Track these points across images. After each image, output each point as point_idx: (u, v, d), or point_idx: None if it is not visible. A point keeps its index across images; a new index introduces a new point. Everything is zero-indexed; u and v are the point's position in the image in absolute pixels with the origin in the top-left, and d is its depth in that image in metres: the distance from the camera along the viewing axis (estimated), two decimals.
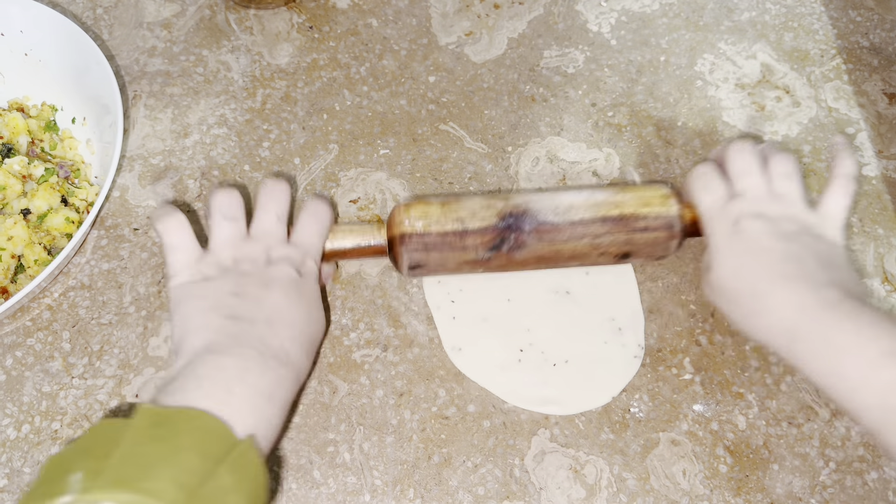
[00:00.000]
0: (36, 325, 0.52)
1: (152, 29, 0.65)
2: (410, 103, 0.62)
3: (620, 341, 0.52)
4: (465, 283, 0.53)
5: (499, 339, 0.52)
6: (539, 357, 0.51)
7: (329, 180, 0.58)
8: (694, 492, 0.48)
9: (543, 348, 0.52)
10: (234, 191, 0.47)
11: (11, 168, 0.54)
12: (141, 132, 0.60)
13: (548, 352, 0.51)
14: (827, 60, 0.64)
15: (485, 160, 0.59)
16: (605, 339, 0.52)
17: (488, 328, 0.52)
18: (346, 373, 0.51)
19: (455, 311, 0.53)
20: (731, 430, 0.49)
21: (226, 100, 0.61)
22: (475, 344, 0.52)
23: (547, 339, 0.52)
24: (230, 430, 0.35)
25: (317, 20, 0.66)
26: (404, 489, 0.47)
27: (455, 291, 0.53)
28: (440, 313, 0.53)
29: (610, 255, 0.49)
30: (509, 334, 0.52)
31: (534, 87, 0.62)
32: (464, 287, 0.53)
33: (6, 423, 0.49)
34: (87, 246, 0.55)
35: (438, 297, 0.53)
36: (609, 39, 0.65)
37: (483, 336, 0.52)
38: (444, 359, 0.51)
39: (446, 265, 0.48)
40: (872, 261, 0.56)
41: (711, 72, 0.64)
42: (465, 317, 0.53)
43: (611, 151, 0.60)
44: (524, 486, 0.48)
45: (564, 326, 0.52)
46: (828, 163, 0.59)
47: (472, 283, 0.53)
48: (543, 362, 0.51)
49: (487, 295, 0.53)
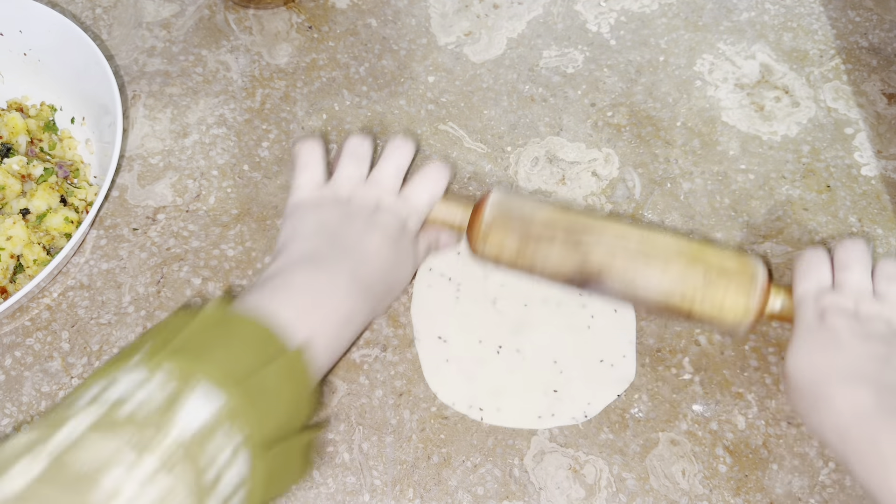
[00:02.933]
0: (35, 324, 0.52)
1: (151, 29, 0.65)
2: (410, 103, 0.62)
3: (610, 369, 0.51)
4: (459, 322, 0.53)
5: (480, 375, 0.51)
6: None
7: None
8: (693, 492, 0.48)
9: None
10: (369, 137, 0.51)
11: (10, 168, 0.54)
12: (140, 132, 0.60)
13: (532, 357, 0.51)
14: (826, 61, 0.64)
15: (484, 160, 0.59)
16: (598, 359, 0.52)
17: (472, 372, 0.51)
18: (345, 373, 0.51)
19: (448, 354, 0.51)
20: (731, 430, 0.49)
21: (225, 100, 0.61)
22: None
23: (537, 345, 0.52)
24: (284, 339, 0.38)
25: (316, 20, 0.66)
26: (404, 489, 0.47)
27: (445, 329, 0.52)
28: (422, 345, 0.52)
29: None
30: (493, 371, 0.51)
31: (533, 87, 0.62)
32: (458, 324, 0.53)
33: (6, 423, 0.49)
34: (87, 246, 0.55)
35: (423, 329, 0.52)
36: (608, 39, 0.65)
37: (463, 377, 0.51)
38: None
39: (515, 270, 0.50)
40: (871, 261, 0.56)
41: (710, 72, 0.64)
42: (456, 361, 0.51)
43: (610, 151, 0.60)
44: (523, 486, 0.48)
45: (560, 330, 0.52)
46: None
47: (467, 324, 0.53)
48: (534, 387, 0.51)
49: (477, 340, 0.52)
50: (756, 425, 0.49)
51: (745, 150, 0.60)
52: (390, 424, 0.49)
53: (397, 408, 0.50)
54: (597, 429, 0.49)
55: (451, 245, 0.53)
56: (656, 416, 0.50)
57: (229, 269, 0.54)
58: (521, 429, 0.49)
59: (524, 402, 0.50)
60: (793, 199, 0.58)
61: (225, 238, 0.55)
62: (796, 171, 0.59)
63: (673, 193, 0.58)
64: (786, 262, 0.55)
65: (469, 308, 0.53)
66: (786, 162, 0.60)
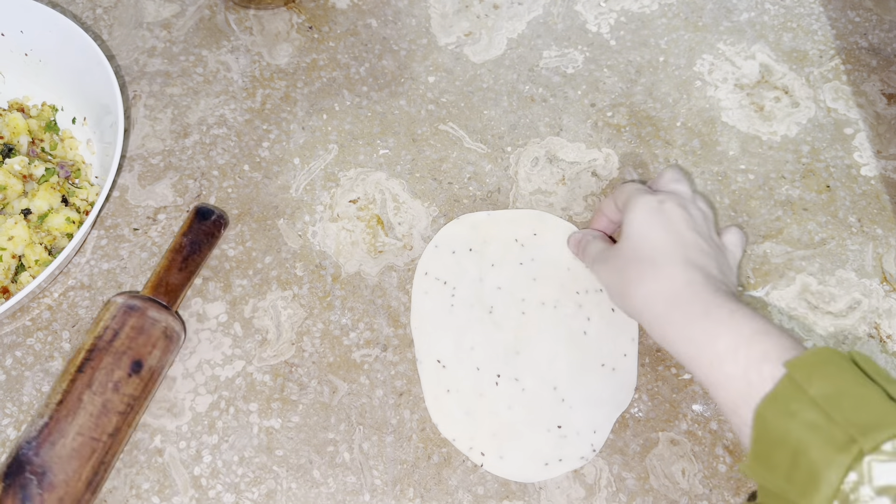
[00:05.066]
0: (36, 324, 0.52)
1: (152, 29, 0.65)
2: (410, 103, 0.62)
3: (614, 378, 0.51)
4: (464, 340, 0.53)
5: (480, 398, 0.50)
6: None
7: (329, 180, 0.58)
8: (693, 491, 0.48)
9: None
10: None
11: (12, 168, 0.54)
12: (141, 132, 0.60)
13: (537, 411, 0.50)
14: (826, 61, 0.65)
15: (484, 160, 0.59)
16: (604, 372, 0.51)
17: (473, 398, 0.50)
18: (345, 372, 0.51)
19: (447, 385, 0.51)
20: (731, 430, 0.50)
21: (225, 100, 0.61)
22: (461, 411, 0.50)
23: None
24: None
25: (316, 20, 0.66)
26: (404, 489, 0.47)
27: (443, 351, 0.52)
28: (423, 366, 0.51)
29: None
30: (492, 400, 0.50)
31: (533, 87, 0.63)
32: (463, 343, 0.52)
33: (6, 423, 0.49)
34: (88, 246, 0.55)
35: (422, 349, 0.52)
36: (608, 40, 0.65)
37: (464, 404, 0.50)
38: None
39: None
40: (871, 261, 0.56)
41: (710, 72, 0.64)
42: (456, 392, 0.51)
43: (610, 152, 0.60)
44: (524, 485, 0.48)
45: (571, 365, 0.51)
46: (826, 163, 0.59)
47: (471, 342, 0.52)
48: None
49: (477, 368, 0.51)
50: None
51: (745, 150, 0.60)
52: (390, 424, 0.49)
53: (397, 407, 0.50)
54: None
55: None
56: (656, 416, 0.50)
57: (229, 269, 0.54)
58: (528, 483, 0.48)
59: (528, 447, 0.49)
60: (793, 199, 0.58)
61: (225, 238, 0.55)
62: (796, 171, 0.59)
63: None
64: (785, 263, 0.55)
65: (465, 320, 0.52)
66: (785, 162, 0.60)
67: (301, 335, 0.52)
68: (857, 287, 0.55)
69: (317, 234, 0.56)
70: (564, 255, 0.55)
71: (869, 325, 0.53)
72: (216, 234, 0.53)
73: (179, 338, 0.49)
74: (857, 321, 0.54)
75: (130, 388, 0.45)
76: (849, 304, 0.54)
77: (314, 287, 0.54)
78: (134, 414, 0.46)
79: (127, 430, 0.46)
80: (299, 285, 0.54)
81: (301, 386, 0.50)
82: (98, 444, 0.44)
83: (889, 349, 0.53)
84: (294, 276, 0.54)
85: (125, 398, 0.45)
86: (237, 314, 0.53)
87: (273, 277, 0.54)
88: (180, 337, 0.49)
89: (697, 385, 0.51)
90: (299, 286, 0.54)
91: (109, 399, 0.45)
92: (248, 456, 0.48)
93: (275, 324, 0.52)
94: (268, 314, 0.53)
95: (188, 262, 0.51)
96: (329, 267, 0.54)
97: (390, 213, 0.57)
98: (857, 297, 0.54)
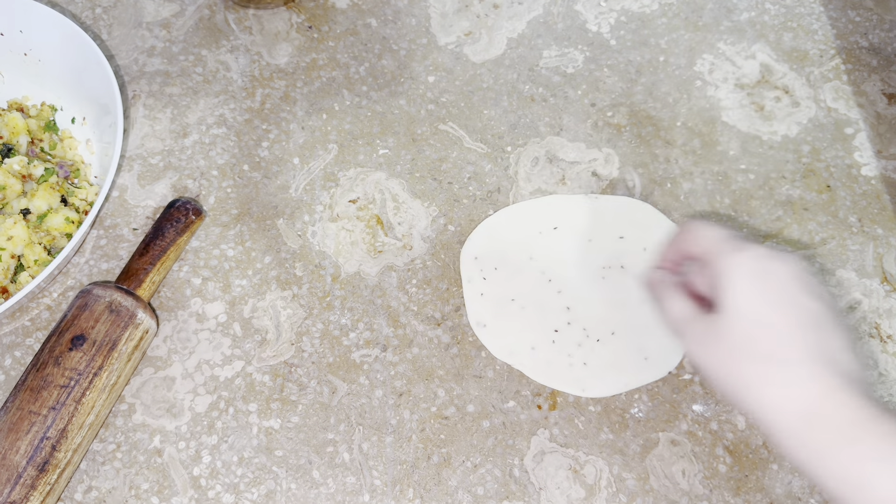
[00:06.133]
0: (35, 325, 0.52)
1: (151, 29, 0.65)
2: (410, 103, 0.62)
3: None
4: (503, 262, 0.54)
5: (529, 319, 0.52)
6: (580, 334, 0.52)
7: (328, 180, 0.58)
8: (693, 492, 0.48)
9: (585, 325, 0.52)
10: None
11: (11, 168, 0.54)
12: (140, 132, 0.60)
13: (590, 328, 0.52)
14: (826, 60, 0.64)
15: (484, 160, 0.59)
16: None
17: (516, 307, 0.53)
18: (345, 373, 0.51)
19: (484, 289, 0.53)
20: (731, 430, 0.49)
21: (225, 100, 0.61)
22: (500, 322, 0.52)
23: (590, 316, 0.52)
24: None
25: (316, 20, 0.66)
26: (403, 489, 0.47)
27: (489, 269, 0.54)
28: (470, 286, 0.54)
29: None
30: (544, 314, 0.53)
31: (533, 86, 0.62)
32: (499, 265, 0.54)
33: None
34: (87, 246, 0.55)
35: (471, 271, 0.54)
36: (608, 39, 0.65)
37: (510, 315, 0.52)
38: (443, 358, 0.51)
39: None
40: (872, 261, 0.56)
41: (711, 72, 0.64)
42: (493, 294, 0.53)
43: (610, 151, 0.60)
44: (523, 486, 0.48)
45: (612, 301, 0.53)
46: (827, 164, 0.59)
47: (511, 263, 0.54)
48: (585, 339, 0.52)
49: (523, 275, 0.54)
50: (756, 425, 0.49)
51: (745, 150, 0.60)
52: (390, 424, 0.49)
53: (397, 408, 0.50)
54: (597, 429, 0.49)
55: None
56: (656, 416, 0.50)
57: (229, 269, 0.54)
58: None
59: (615, 362, 0.51)
60: (793, 199, 0.58)
61: (225, 238, 0.55)
62: (796, 170, 0.59)
63: (673, 193, 0.58)
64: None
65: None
66: (786, 162, 0.60)
67: (300, 335, 0.52)
68: (857, 287, 0.55)
69: (316, 234, 0.56)
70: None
71: (869, 325, 0.53)
72: (182, 219, 0.54)
73: (131, 312, 0.48)
74: (857, 321, 0.54)
75: (72, 361, 0.46)
76: (849, 304, 0.54)
77: (314, 287, 0.54)
78: (82, 389, 0.46)
79: (75, 405, 0.45)
80: (299, 285, 0.54)
81: (300, 386, 0.50)
82: (37, 416, 0.45)
83: (889, 349, 0.53)
84: (293, 276, 0.54)
85: (66, 371, 0.46)
86: (236, 314, 0.53)
87: (272, 277, 0.54)
88: (133, 312, 0.49)
89: (700, 387, 0.51)
90: (299, 286, 0.54)
91: (50, 373, 0.46)
92: (247, 456, 0.48)
93: (274, 324, 0.52)
94: (267, 314, 0.53)
95: (150, 246, 0.52)
96: (328, 267, 0.54)
97: (390, 213, 0.57)
98: (858, 297, 0.54)
